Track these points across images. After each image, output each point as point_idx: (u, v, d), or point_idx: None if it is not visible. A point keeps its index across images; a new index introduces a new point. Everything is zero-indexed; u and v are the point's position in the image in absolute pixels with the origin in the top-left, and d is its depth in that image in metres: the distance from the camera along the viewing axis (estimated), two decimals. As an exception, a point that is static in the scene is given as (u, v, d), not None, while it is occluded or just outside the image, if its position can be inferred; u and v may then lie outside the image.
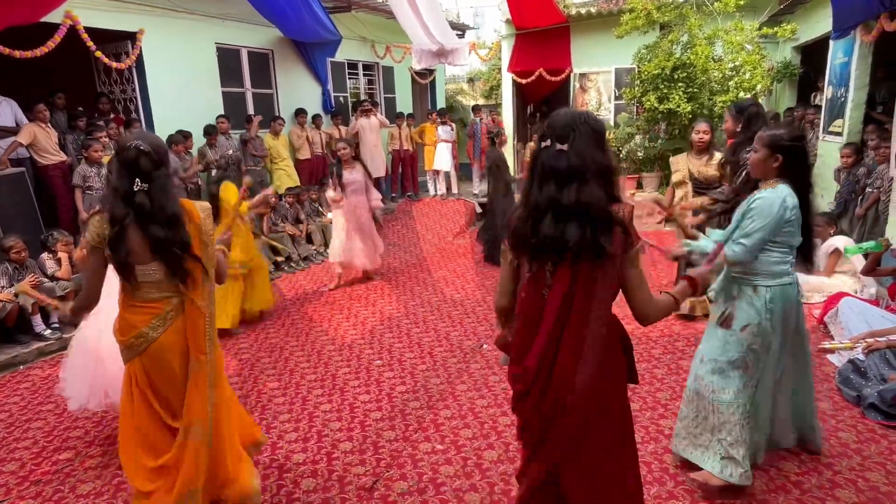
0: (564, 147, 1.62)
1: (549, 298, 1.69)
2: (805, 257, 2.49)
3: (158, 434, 2.23)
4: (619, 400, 1.81)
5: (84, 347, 3.02)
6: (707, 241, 2.46)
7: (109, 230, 2.08)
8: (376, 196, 5.95)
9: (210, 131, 7.06)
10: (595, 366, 1.67)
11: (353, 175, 5.69)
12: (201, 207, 2.27)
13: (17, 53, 5.09)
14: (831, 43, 7.02)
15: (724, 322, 2.47)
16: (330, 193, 5.82)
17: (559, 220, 1.61)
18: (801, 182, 2.34)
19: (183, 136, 6.67)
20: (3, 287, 4.51)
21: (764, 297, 2.38)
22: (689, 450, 2.56)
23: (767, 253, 2.37)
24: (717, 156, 4.26)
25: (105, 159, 5.53)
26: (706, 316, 4.41)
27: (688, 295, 1.91)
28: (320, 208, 8.01)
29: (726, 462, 2.40)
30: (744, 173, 3.27)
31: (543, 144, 1.66)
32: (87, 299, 2.21)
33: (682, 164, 4.49)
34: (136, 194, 2.07)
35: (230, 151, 7.16)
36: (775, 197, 2.28)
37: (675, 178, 4.52)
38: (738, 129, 3.51)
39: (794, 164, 2.33)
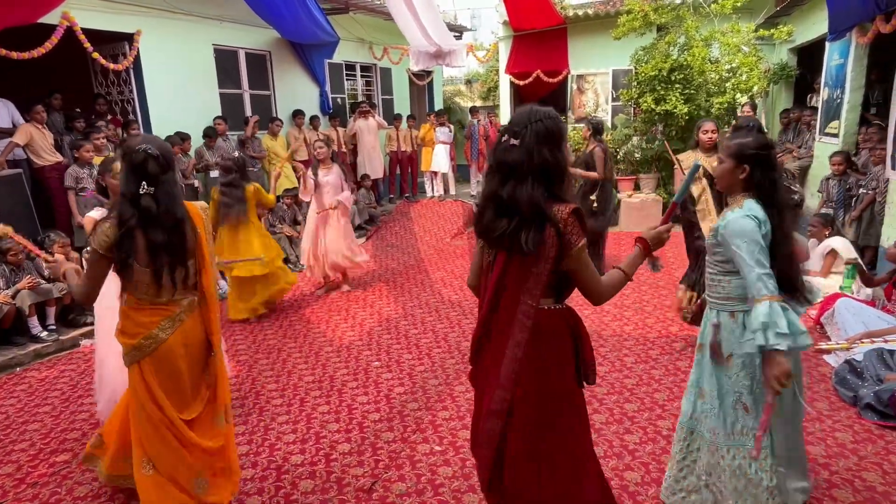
0: (516, 142, 1.66)
1: (486, 285, 1.80)
2: (790, 287, 2.08)
3: (172, 426, 2.27)
4: (557, 401, 1.75)
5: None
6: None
7: (115, 233, 2.10)
8: (345, 195, 5.66)
9: (210, 133, 7.07)
10: (520, 359, 1.70)
11: (328, 176, 5.51)
12: (201, 207, 2.34)
13: (15, 54, 5.08)
14: (827, 45, 7.06)
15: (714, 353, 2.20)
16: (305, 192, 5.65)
17: (497, 212, 1.69)
18: (769, 197, 2.09)
19: (181, 138, 6.67)
20: (0, 288, 4.51)
21: (741, 324, 2.12)
22: None
23: (734, 274, 2.11)
24: None
25: (96, 160, 5.53)
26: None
27: (639, 262, 1.86)
28: (297, 216, 7.64)
29: None
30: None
31: (501, 139, 1.71)
32: (83, 299, 2.23)
33: (692, 158, 4.42)
34: (141, 197, 2.09)
35: (235, 153, 7.15)
36: (741, 214, 2.05)
37: (685, 162, 4.45)
38: None
39: (761, 175, 2.09)
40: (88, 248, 2.15)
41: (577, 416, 1.80)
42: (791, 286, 2.09)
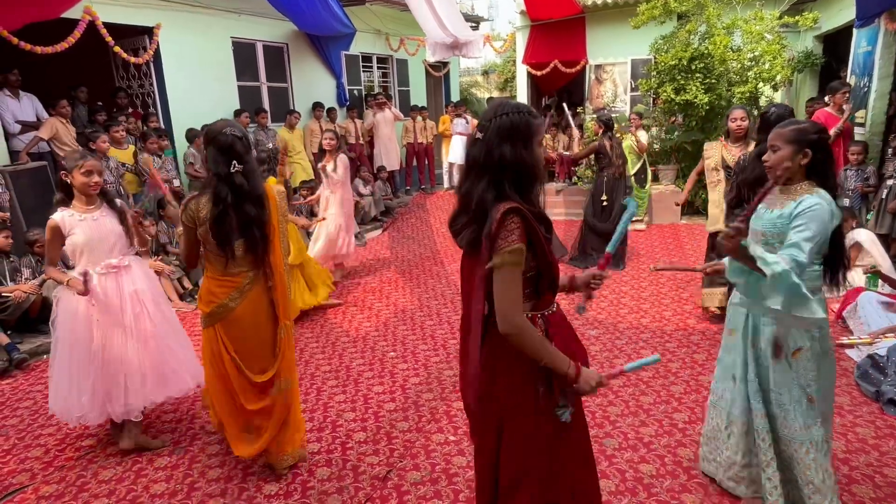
0: (480, 136, 1.55)
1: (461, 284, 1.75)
2: (832, 276, 2.15)
3: (245, 384, 2.59)
4: (521, 415, 1.61)
5: (78, 351, 2.81)
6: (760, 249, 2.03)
7: (212, 210, 2.35)
8: (349, 195, 5.67)
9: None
10: (479, 361, 1.58)
11: (337, 169, 5.44)
12: (277, 190, 2.69)
13: (38, 49, 5.18)
14: (854, 32, 6.86)
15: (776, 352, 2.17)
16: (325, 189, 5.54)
17: (458, 208, 1.63)
18: (830, 184, 2.07)
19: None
20: (26, 279, 4.62)
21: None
22: None
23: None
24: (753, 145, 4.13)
25: (111, 152, 5.60)
26: (721, 310, 4.37)
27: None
28: (315, 207, 7.73)
29: None
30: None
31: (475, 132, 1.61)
32: (185, 262, 2.64)
33: (716, 152, 4.29)
34: (234, 175, 2.34)
35: (270, 145, 7.28)
36: (825, 203, 2.00)
37: (707, 163, 4.37)
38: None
39: (822, 160, 2.06)
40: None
41: (530, 442, 1.62)
42: (835, 271, 2.15)
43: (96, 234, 2.78)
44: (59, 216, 2.76)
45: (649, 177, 7.50)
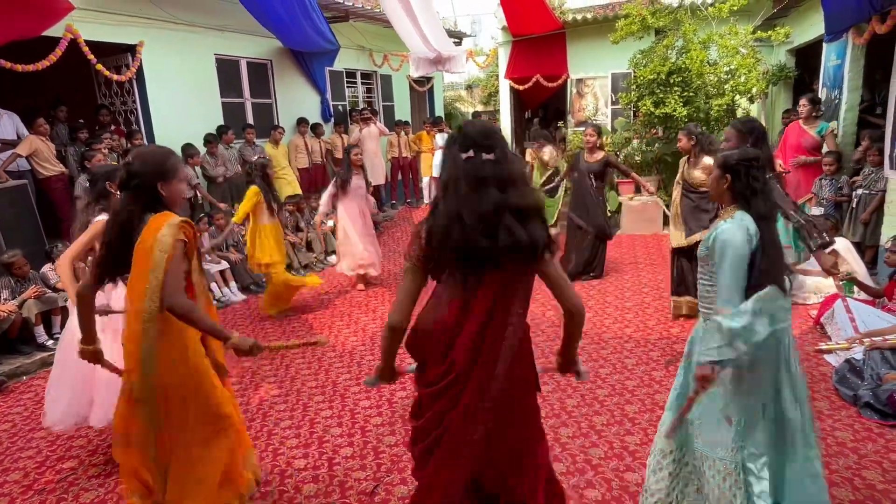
0: (491, 157, 1.73)
1: (473, 303, 1.75)
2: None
3: None
4: (533, 409, 1.94)
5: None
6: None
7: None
8: (372, 202, 6.26)
9: (211, 139, 7.17)
10: (510, 369, 1.78)
11: (359, 181, 5.91)
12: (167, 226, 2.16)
13: (19, 67, 5.16)
14: (824, 46, 7.08)
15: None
16: (322, 206, 5.96)
17: (481, 222, 1.71)
18: (755, 208, 2.09)
19: (188, 155, 6.81)
20: (6, 299, 4.55)
21: None
22: None
23: None
24: (706, 160, 4.41)
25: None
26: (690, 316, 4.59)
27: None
28: (300, 222, 7.84)
29: None
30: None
31: (465, 154, 1.75)
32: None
33: (681, 167, 4.72)
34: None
35: (255, 157, 7.32)
36: (735, 227, 2.05)
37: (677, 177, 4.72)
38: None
39: (744, 185, 2.11)
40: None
41: (539, 415, 2.01)
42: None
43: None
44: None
45: (561, 189, 7.25)
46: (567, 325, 1.84)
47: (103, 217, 2.96)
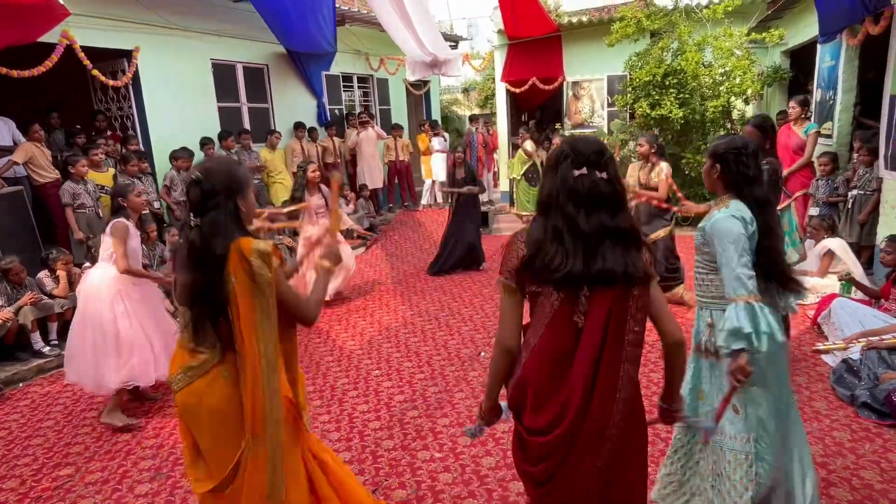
0: (604, 176, 1.61)
1: (584, 328, 1.58)
2: (781, 278, 2.16)
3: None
4: (644, 444, 1.75)
5: (98, 328, 3.50)
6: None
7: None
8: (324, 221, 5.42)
9: (206, 142, 7.17)
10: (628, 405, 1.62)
11: (319, 200, 5.42)
12: (260, 250, 1.85)
13: (15, 73, 5.15)
14: (819, 47, 7.11)
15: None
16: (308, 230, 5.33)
17: (583, 242, 1.58)
18: (748, 196, 2.12)
19: (188, 154, 6.73)
20: (1, 306, 4.53)
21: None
22: None
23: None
24: (663, 166, 4.59)
25: (90, 175, 5.59)
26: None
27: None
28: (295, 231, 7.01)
29: None
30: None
31: (579, 171, 1.59)
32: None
33: (633, 172, 5.03)
34: (191, 227, 1.88)
35: (258, 163, 7.72)
36: (727, 214, 2.08)
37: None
38: (767, 146, 3.29)
39: (734, 174, 2.13)
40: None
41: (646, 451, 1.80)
42: (782, 277, 2.15)
43: (136, 244, 3.63)
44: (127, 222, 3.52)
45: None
46: (669, 360, 1.68)
47: (117, 219, 3.50)
